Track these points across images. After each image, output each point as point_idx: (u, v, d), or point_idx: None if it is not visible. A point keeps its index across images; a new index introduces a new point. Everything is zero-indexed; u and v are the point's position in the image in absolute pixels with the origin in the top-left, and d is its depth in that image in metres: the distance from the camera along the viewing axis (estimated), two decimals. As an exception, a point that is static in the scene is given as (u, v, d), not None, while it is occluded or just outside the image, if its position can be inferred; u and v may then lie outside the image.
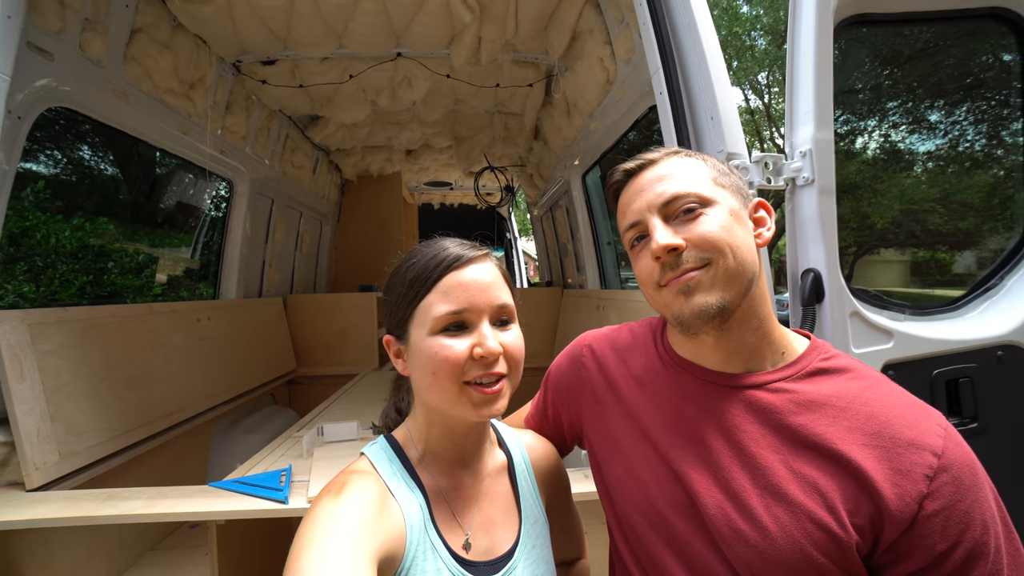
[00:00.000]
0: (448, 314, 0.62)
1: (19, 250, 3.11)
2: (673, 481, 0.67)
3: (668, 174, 0.68)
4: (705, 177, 0.68)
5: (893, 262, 2.18)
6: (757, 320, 0.67)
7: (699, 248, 0.64)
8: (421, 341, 0.63)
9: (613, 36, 2.11)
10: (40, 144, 2.89)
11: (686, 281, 0.64)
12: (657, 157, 0.71)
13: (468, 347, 0.61)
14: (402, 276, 0.66)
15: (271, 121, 3.17)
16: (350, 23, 2.37)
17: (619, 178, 0.73)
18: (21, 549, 1.45)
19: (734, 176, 0.71)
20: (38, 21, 1.55)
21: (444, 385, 0.61)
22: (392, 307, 0.68)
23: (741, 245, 0.64)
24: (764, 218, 0.72)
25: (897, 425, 0.58)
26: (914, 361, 1.31)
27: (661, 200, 0.67)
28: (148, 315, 2.14)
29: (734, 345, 0.68)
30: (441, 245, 0.67)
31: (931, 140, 1.86)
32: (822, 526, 0.56)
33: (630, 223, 0.70)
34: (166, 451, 2.15)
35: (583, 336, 0.90)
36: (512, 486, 0.74)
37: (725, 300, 0.63)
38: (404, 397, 0.75)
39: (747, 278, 0.65)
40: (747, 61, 12.89)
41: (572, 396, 0.85)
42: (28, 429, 1.45)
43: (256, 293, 3.39)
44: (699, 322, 0.64)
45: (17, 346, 1.47)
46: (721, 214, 0.65)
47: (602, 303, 2.88)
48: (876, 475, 0.56)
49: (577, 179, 3.25)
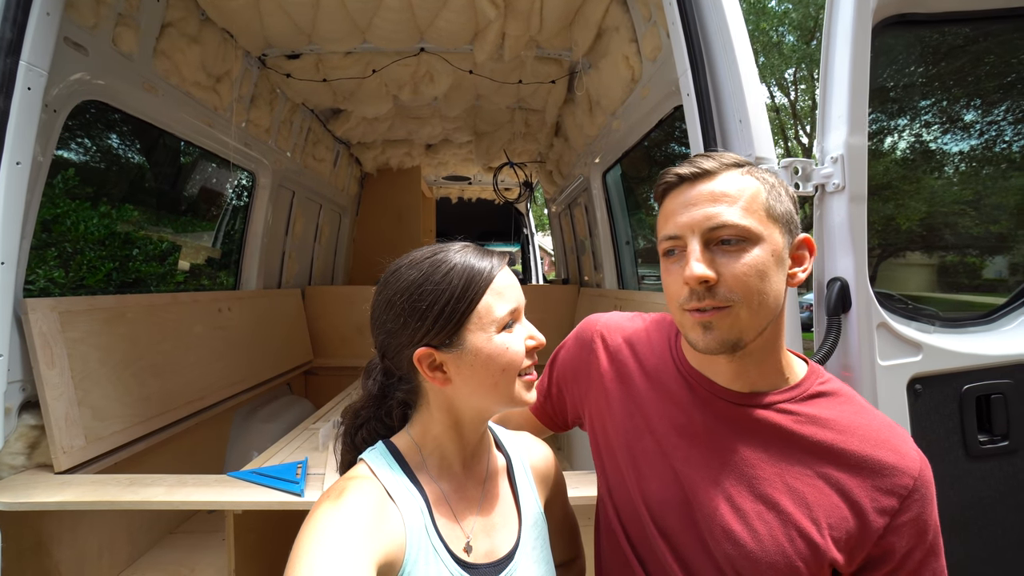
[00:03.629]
0: (510, 312, 0.66)
1: (51, 236, 3.20)
2: (672, 479, 0.71)
3: (723, 194, 0.65)
4: (760, 206, 0.65)
5: (919, 265, 2.12)
6: (768, 351, 0.70)
7: (730, 287, 0.63)
8: (487, 342, 0.64)
9: (640, 34, 2.07)
10: (70, 132, 2.97)
11: (708, 318, 0.65)
12: (715, 168, 0.67)
13: (523, 339, 0.67)
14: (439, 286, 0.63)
15: (294, 114, 3.21)
16: (374, 18, 2.37)
17: (671, 180, 0.69)
18: (50, 528, 1.50)
19: (787, 200, 0.68)
20: (74, 16, 1.59)
21: (510, 378, 0.65)
22: (434, 319, 0.63)
23: (770, 292, 0.64)
24: (804, 257, 0.70)
25: (883, 450, 0.65)
26: (943, 375, 1.27)
27: (709, 224, 0.64)
28: (172, 304, 2.19)
29: (744, 369, 0.70)
30: (453, 250, 0.67)
31: (966, 140, 1.79)
32: (805, 535, 0.63)
33: (670, 234, 0.68)
34: (187, 438, 2.20)
35: (593, 319, 0.90)
36: (511, 488, 0.75)
37: (742, 339, 0.66)
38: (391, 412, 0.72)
39: (767, 321, 0.66)
40: (774, 58, 12.59)
41: (579, 379, 0.87)
42: (57, 414, 1.50)
43: (276, 284, 3.44)
44: (714, 353, 0.67)
45: (48, 333, 1.51)
46: (763, 255, 0.64)
47: (620, 303, 2.86)
48: (860, 494, 0.63)
49: (597, 177, 3.22)
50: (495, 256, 0.68)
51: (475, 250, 0.68)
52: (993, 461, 1.25)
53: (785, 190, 0.69)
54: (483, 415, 0.70)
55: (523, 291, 0.70)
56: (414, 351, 0.64)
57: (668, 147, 2.72)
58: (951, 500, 1.21)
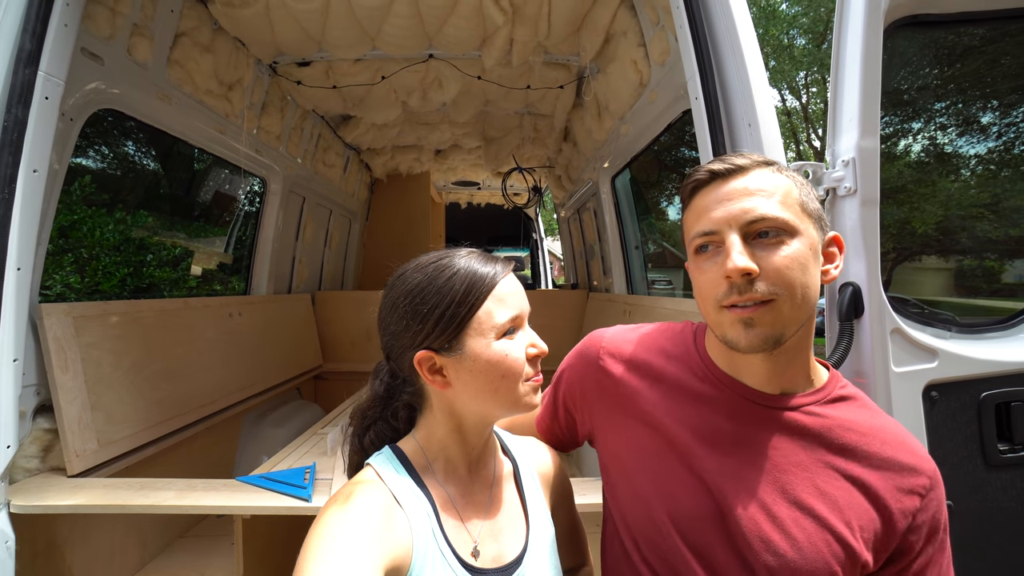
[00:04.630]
0: (509, 320, 0.65)
1: (67, 242, 3.27)
2: (703, 492, 0.69)
3: (758, 189, 0.65)
4: (795, 201, 0.65)
5: (935, 269, 2.08)
6: (800, 349, 0.69)
7: (772, 281, 0.62)
8: (486, 348, 0.64)
9: (647, 38, 2.07)
10: (88, 140, 3.03)
11: (750, 314, 0.63)
12: (747, 165, 0.67)
13: (525, 347, 0.66)
14: (441, 291, 0.64)
15: (304, 121, 3.24)
16: (383, 25, 2.39)
17: (702, 177, 0.68)
18: (63, 531, 1.52)
19: (816, 201, 0.68)
20: (90, 27, 1.62)
21: (512, 384, 0.65)
22: (434, 322, 0.64)
23: (811, 285, 0.64)
24: (835, 254, 0.70)
25: (902, 452, 0.67)
26: (960, 382, 1.24)
27: (747, 218, 0.63)
28: (183, 309, 2.21)
29: (778, 369, 0.69)
30: (459, 255, 0.67)
31: (983, 142, 1.76)
32: (841, 539, 0.63)
33: (704, 230, 0.66)
34: (197, 442, 2.22)
35: (597, 336, 0.87)
36: (519, 493, 0.75)
37: (784, 335, 0.64)
38: (397, 414, 0.72)
39: (806, 316, 0.66)
40: (784, 62, 12.51)
41: (586, 398, 0.84)
42: (71, 418, 1.52)
43: (286, 289, 3.47)
44: (756, 350, 0.65)
45: (63, 338, 1.54)
46: (802, 248, 0.63)
47: (629, 308, 2.84)
48: (886, 495, 0.64)
49: (606, 182, 3.21)
50: (500, 262, 0.68)
51: (480, 256, 0.68)
52: (1014, 470, 1.21)
53: (812, 190, 0.70)
54: (485, 420, 0.70)
55: (531, 296, 0.71)
56: (415, 353, 0.65)
57: (677, 151, 2.71)
58: (969, 509, 1.18)
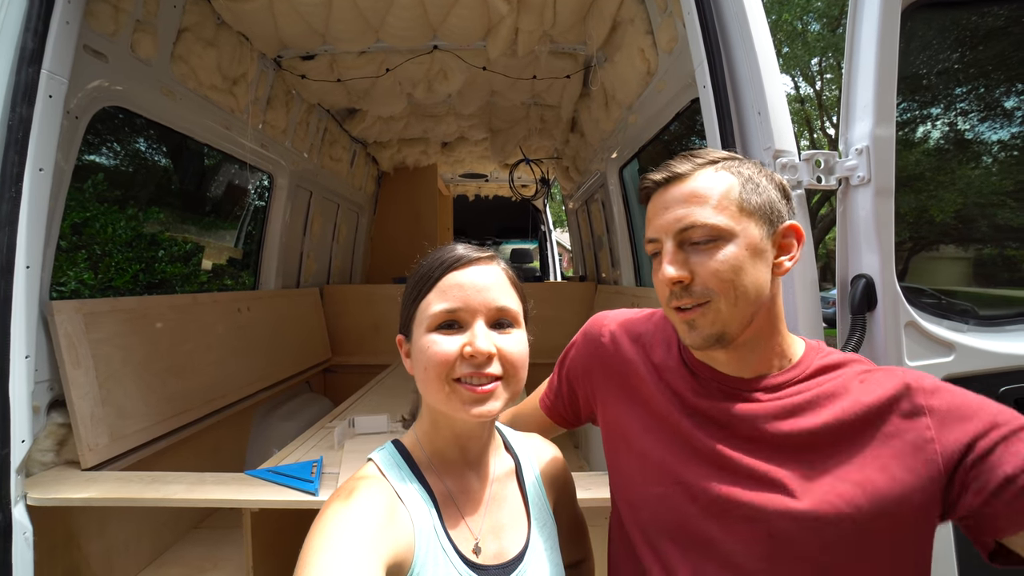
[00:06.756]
0: (442, 312, 0.63)
1: (80, 239, 3.31)
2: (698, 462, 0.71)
3: (693, 195, 0.67)
4: (732, 202, 0.67)
5: (954, 259, 2.02)
6: (764, 338, 0.71)
7: (705, 284, 0.66)
8: (419, 338, 0.64)
9: (655, 26, 2.02)
10: (99, 137, 3.06)
11: (691, 316, 0.67)
12: (686, 171, 0.69)
13: (460, 345, 0.62)
14: (411, 278, 0.69)
15: (310, 115, 3.24)
16: (387, 17, 2.37)
17: (648, 186, 0.73)
18: (80, 523, 1.56)
19: (770, 191, 0.70)
20: (93, 24, 1.62)
21: (434, 382, 0.62)
22: (401, 307, 0.70)
23: (748, 285, 0.66)
24: (791, 245, 0.71)
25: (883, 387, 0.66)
26: (978, 376, 1.21)
27: (679, 226, 0.67)
28: (192, 305, 2.23)
29: (742, 356, 0.71)
30: (449, 248, 0.68)
31: (1006, 128, 1.70)
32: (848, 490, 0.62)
33: (649, 238, 0.72)
34: (208, 435, 2.25)
35: (601, 316, 0.91)
36: (520, 489, 0.75)
37: (726, 333, 0.67)
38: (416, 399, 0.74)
39: (749, 313, 0.67)
40: (798, 48, 12.21)
41: (589, 375, 0.88)
42: (83, 412, 1.54)
43: (294, 283, 3.49)
44: (702, 348, 0.69)
45: (74, 334, 1.56)
46: (736, 251, 0.66)
47: (637, 300, 2.81)
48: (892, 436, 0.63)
49: (614, 172, 3.17)
50: (472, 256, 0.66)
51: (456, 248, 0.68)
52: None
53: (768, 178, 0.71)
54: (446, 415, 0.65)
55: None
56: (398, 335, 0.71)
57: (686, 141, 2.65)
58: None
